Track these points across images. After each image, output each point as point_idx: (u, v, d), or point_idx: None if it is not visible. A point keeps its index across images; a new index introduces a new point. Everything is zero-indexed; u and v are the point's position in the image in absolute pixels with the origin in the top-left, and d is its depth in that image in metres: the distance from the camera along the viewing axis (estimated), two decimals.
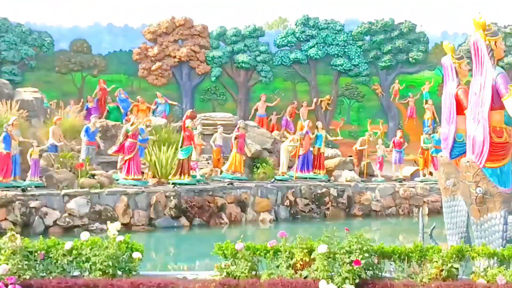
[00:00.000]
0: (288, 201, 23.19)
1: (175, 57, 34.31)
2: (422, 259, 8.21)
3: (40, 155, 20.25)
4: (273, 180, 24.10)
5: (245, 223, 21.75)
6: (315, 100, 35.07)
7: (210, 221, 20.77)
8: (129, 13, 70.48)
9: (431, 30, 38.71)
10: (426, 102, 34.41)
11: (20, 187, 18.77)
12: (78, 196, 18.66)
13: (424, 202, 25.10)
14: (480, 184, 10.09)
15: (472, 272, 8.18)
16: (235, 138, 24.21)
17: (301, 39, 35.79)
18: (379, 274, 8.15)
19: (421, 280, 7.95)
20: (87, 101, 31.88)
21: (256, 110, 34.30)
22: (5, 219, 17.43)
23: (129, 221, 19.15)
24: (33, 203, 17.90)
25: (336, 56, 35.75)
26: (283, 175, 24.98)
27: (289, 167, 25.69)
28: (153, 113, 31.87)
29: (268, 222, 22.04)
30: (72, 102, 30.57)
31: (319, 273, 7.86)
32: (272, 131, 31.79)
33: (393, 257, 8.28)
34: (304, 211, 23.35)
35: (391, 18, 36.30)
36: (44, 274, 8.19)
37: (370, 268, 8.07)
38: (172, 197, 20.16)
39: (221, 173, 24.24)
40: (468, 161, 10.28)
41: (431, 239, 11.79)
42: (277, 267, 8.30)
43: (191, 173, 22.12)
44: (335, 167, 26.81)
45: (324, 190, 24.03)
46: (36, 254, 8.31)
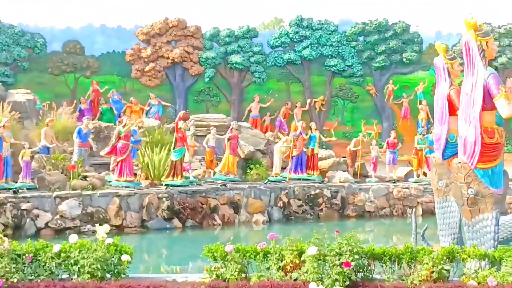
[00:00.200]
0: (281, 202, 23.11)
1: (168, 58, 34.29)
2: (413, 260, 8.19)
3: (32, 157, 20.18)
4: (266, 181, 24.03)
5: (238, 224, 21.67)
6: (309, 101, 35.06)
7: (203, 223, 20.70)
8: (122, 14, 70.43)
9: (425, 31, 38.74)
10: (420, 103, 34.44)
11: (11, 189, 18.70)
12: (70, 198, 18.54)
13: (418, 203, 24.98)
14: (471, 185, 10.06)
15: (463, 274, 8.15)
16: (228, 139, 24.15)
17: (295, 39, 35.79)
18: (369, 276, 8.14)
19: (412, 282, 7.92)
20: (80, 103, 31.85)
21: (250, 111, 34.26)
22: None
23: (121, 223, 19.06)
24: (24, 205, 17.80)
25: (330, 56, 35.76)
26: (276, 176, 24.92)
27: (283, 168, 25.64)
28: (146, 114, 31.83)
29: (261, 224, 21.96)
30: (65, 103, 30.57)
31: (309, 275, 7.84)
32: (265, 132, 31.74)
33: (383, 259, 8.25)
34: (298, 212, 23.29)
35: (385, 19, 36.33)
36: (32, 277, 8.17)
37: (361, 270, 8.05)
38: (164, 199, 20.09)
39: (214, 175, 24.16)
40: (459, 162, 10.24)
41: (423, 240, 11.78)
42: (267, 269, 8.27)
43: (184, 175, 22.07)
44: (329, 168, 26.73)
45: (318, 191, 23.94)
46: (24, 257, 8.28)
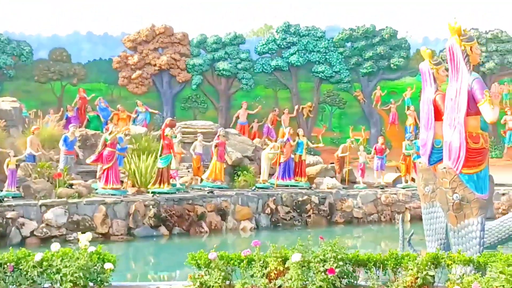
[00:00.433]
0: (269, 209, 23.03)
1: (155, 65, 34.25)
2: (398, 266, 8.14)
3: (17, 165, 20.05)
4: (254, 188, 23.97)
5: (225, 231, 21.57)
6: (296, 107, 35.08)
7: (190, 230, 20.58)
8: (108, 22, 70.27)
9: (412, 36, 38.88)
10: (408, 108, 34.48)
11: None
12: (55, 206, 18.36)
13: (406, 208, 24.94)
14: (457, 190, 10.02)
15: (448, 280, 8.10)
16: (215, 146, 24.06)
17: (282, 46, 35.84)
18: (354, 282, 8.09)
19: None
20: (66, 110, 31.77)
21: (237, 117, 34.22)
22: None
23: (107, 230, 18.92)
24: (9, 214, 17.59)
25: (317, 63, 35.80)
26: (264, 183, 24.86)
27: (271, 175, 25.59)
28: (133, 121, 31.77)
29: (249, 231, 21.86)
30: (52, 111, 30.52)
31: (293, 282, 7.79)
32: (253, 138, 31.71)
33: (368, 265, 8.20)
34: (285, 219, 23.20)
35: (372, 25, 36.41)
36: (13, 287, 8.10)
37: (345, 277, 8.00)
38: (151, 206, 19.97)
39: (201, 182, 24.07)
40: (444, 167, 10.21)
41: (409, 245, 11.73)
42: (251, 276, 8.22)
43: (171, 182, 21.98)
44: (316, 174, 26.70)
45: (306, 197, 23.87)
46: (6, 266, 8.18)
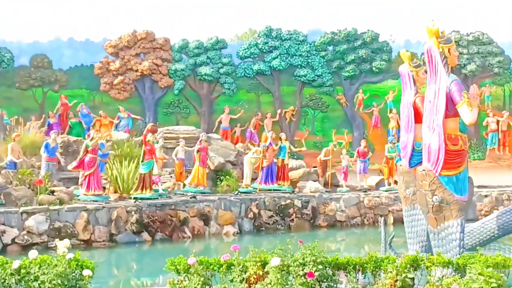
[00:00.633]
0: (252, 213, 23.00)
1: (137, 70, 34.09)
2: (377, 269, 8.13)
3: None
4: (236, 192, 23.91)
5: (208, 236, 21.53)
6: (279, 111, 34.98)
7: (173, 236, 20.52)
8: (90, 27, 69.95)
9: (395, 39, 38.93)
10: (391, 111, 34.50)
11: None
12: (37, 213, 18.28)
13: (389, 211, 24.99)
14: (436, 192, 10.05)
15: (428, 282, 8.10)
16: (198, 151, 23.99)
17: (264, 50, 35.73)
18: (333, 285, 8.07)
19: None
20: (48, 117, 31.55)
21: (220, 122, 34.09)
22: None
23: (89, 237, 18.84)
24: None
25: (299, 66, 35.73)
26: (246, 188, 24.82)
27: (254, 179, 25.55)
28: (116, 127, 31.63)
29: (232, 235, 21.82)
30: (33, 118, 30.36)
31: (272, 286, 7.77)
32: (236, 143, 31.62)
33: (347, 268, 8.19)
34: (268, 223, 23.15)
35: (353, 28, 36.43)
36: None
37: (325, 280, 7.98)
38: (133, 212, 19.91)
39: (184, 187, 24.00)
40: (424, 170, 10.24)
41: (390, 248, 11.76)
42: (231, 281, 8.20)
43: (153, 187, 21.90)
44: (299, 178, 26.64)
45: (288, 201, 23.86)
46: None
